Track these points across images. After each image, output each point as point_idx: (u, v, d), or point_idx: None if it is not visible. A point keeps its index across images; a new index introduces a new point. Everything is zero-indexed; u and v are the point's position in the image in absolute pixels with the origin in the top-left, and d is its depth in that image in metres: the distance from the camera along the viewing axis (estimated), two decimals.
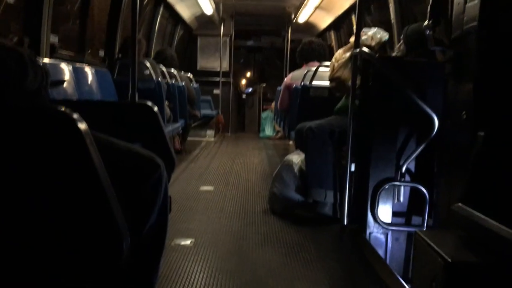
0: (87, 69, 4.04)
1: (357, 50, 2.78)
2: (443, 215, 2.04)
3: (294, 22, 8.44)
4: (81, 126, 1.16)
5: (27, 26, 3.31)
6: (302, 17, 7.89)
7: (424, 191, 2.43)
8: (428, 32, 2.24)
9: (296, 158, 3.50)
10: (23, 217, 1.22)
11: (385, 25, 4.64)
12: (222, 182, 4.54)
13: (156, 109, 2.14)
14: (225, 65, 9.22)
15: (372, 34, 3.22)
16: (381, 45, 3.26)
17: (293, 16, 8.26)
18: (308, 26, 8.45)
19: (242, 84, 11.57)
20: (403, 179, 2.49)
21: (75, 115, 1.16)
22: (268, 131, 9.18)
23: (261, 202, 3.74)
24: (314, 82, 4.37)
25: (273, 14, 8.59)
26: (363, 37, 3.16)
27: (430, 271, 1.38)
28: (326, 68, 3.99)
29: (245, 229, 3.06)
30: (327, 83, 3.65)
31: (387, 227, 2.52)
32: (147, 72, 4.67)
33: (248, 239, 2.86)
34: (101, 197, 1.20)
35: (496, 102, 1.56)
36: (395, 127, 2.52)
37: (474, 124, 1.58)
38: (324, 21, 7.92)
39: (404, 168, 2.48)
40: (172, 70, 5.73)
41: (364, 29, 3.27)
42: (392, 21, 4.65)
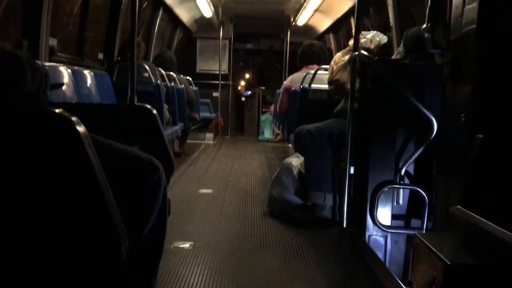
0: (86, 72, 4.04)
1: (356, 53, 2.78)
2: (442, 218, 2.04)
3: (293, 25, 8.46)
4: (80, 129, 1.16)
5: (26, 29, 3.32)
6: (301, 20, 7.90)
7: (423, 194, 2.44)
8: (427, 35, 2.25)
9: (295, 161, 3.49)
10: (22, 219, 1.22)
11: (384, 28, 4.65)
12: (221, 185, 4.54)
13: (155, 112, 2.14)
14: (224, 68, 9.24)
15: (371, 37, 3.23)
16: (380, 48, 3.26)
17: (292, 19, 8.28)
18: (307, 29, 8.46)
19: (241, 87, 11.58)
20: (402, 182, 2.49)
21: (74, 118, 1.16)
22: (267, 134, 9.18)
23: (260, 205, 3.74)
24: (313, 85, 4.38)
25: (272, 17, 8.61)
26: (362, 40, 3.16)
27: (430, 274, 1.38)
28: (325, 71, 3.99)
29: (244, 232, 3.06)
30: (326, 86, 3.65)
31: (386, 230, 2.52)
32: (146, 75, 4.67)
33: (247, 242, 2.86)
34: (100, 200, 1.20)
35: (495, 105, 1.56)
36: (394, 130, 2.52)
37: (473, 127, 1.58)
38: (323, 24, 7.94)
39: (403, 171, 2.48)
40: (171, 73, 5.74)
41: (363, 32, 3.28)
42: (391, 24, 4.66)
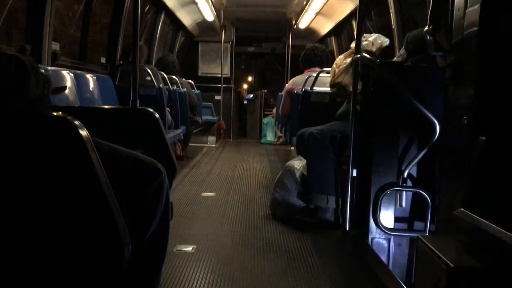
0: (89, 76, 4.06)
1: (358, 56, 2.79)
2: (446, 220, 2.04)
3: (295, 28, 8.47)
4: (83, 133, 1.17)
5: (29, 34, 3.33)
6: (303, 23, 7.91)
7: (426, 196, 2.43)
8: (429, 37, 2.25)
9: (298, 164, 3.49)
10: (25, 223, 1.22)
11: (386, 31, 4.66)
12: (224, 188, 4.54)
13: (158, 116, 2.15)
14: (226, 71, 9.25)
15: (373, 40, 3.23)
16: (382, 51, 3.26)
17: (294, 22, 8.29)
18: (309, 32, 8.47)
19: (243, 90, 11.59)
20: (405, 184, 2.49)
21: (77, 122, 1.17)
22: (270, 137, 9.18)
23: (263, 208, 3.74)
24: (315, 88, 4.38)
25: (274, 20, 8.63)
26: (364, 43, 3.17)
27: (433, 276, 1.38)
28: (328, 74, 3.99)
29: (247, 235, 3.06)
30: (328, 89, 3.66)
31: (389, 233, 2.51)
32: (149, 79, 4.68)
33: (250, 245, 2.86)
34: (103, 204, 1.20)
35: (497, 107, 1.56)
36: (397, 132, 2.52)
37: (475, 129, 1.58)
38: (325, 27, 7.95)
39: (406, 173, 2.48)
40: (173, 77, 5.75)
41: (365, 35, 3.28)
42: (393, 27, 4.66)
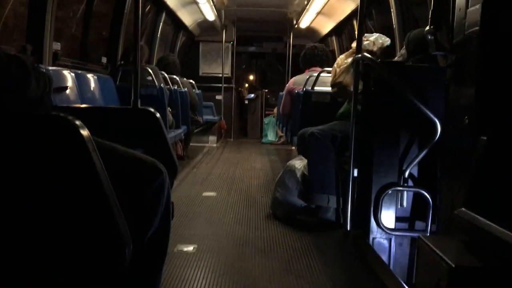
0: (90, 76, 4.06)
1: (359, 56, 2.78)
2: (447, 220, 2.03)
3: (296, 28, 8.46)
4: (83, 133, 1.17)
5: (30, 34, 3.33)
6: (304, 23, 7.91)
7: (427, 196, 2.43)
8: (430, 37, 2.24)
9: (299, 164, 3.49)
10: (26, 223, 1.22)
11: (387, 30, 4.65)
12: (225, 188, 4.54)
13: (158, 115, 2.15)
14: (227, 71, 9.25)
15: (374, 40, 3.23)
16: (383, 50, 3.26)
17: (295, 22, 8.28)
18: (310, 32, 8.47)
19: (244, 90, 11.59)
20: (406, 184, 2.49)
21: (77, 122, 1.17)
22: (271, 137, 9.18)
23: (264, 208, 3.74)
24: (316, 88, 4.38)
25: (275, 20, 8.62)
26: (365, 43, 3.16)
27: (434, 276, 1.37)
28: (328, 74, 3.99)
29: (248, 235, 3.06)
30: (329, 89, 3.65)
31: (390, 232, 2.51)
32: (150, 79, 4.68)
33: (251, 245, 2.86)
34: (104, 203, 1.20)
35: (498, 107, 1.56)
36: (398, 132, 2.51)
37: (476, 129, 1.58)
38: (326, 27, 7.94)
39: (407, 173, 2.47)
40: (174, 76, 5.75)
41: (366, 35, 3.28)
42: (394, 26, 4.66)
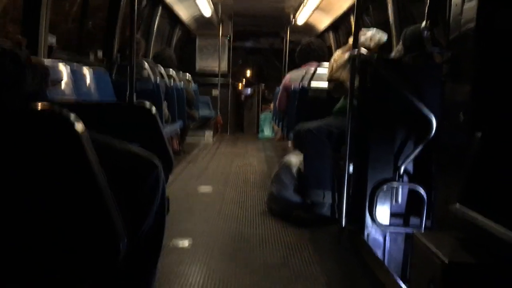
0: (85, 70, 4.03)
1: (355, 51, 2.78)
2: (441, 216, 2.04)
3: (293, 23, 8.44)
4: (78, 127, 1.16)
5: (25, 27, 3.31)
6: (301, 18, 7.89)
7: (422, 192, 2.44)
8: (426, 33, 2.24)
9: (295, 159, 3.49)
10: (20, 217, 1.21)
11: (383, 26, 4.65)
12: (221, 183, 4.54)
13: (155, 110, 2.14)
14: (224, 66, 9.23)
15: (371, 35, 3.23)
16: (380, 46, 3.26)
17: (292, 17, 8.27)
18: (307, 27, 8.45)
19: (241, 85, 11.57)
20: (401, 180, 2.50)
21: (72, 116, 1.16)
22: (267, 132, 9.18)
23: (260, 203, 3.74)
24: (313, 83, 4.37)
25: (272, 15, 8.60)
26: (362, 38, 3.16)
27: (428, 272, 1.38)
28: (325, 69, 3.99)
29: (244, 230, 3.06)
30: (326, 84, 3.65)
31: (385, 228, 2.52)
32: (146, 73, 4.66)
33: (247, 240, 2.86)
34: (98, 198, 1.20)
35: (494, 103, 1.56)
36: (393, 128, 2.52)
37: (472, 125, 1.58)
38: (323, 22, 7.93)
39: (402, 169, 2.48)
40: (171, 71, 5.73)
41: (363, 29, 3.28)
42: (391, 22, 4.66)
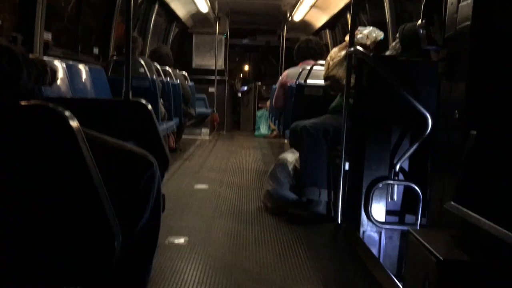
0: (81, 67, 4.02)
1: (352, 49, 2.78)
2: (436, 214, 2.05)
3: (290, 21, 8.44)
4: (73, 124, 1.16)
5: (20, 23, 3.29)
6: (298, 16, 7.89)
7: (418, 190, 2.44)
8: (422, 32, 2.24)
9: (291, 157, 3.50)
10: (14, 215, 1.21)
11: (379, 24, 4.65)
12: (217, 181, 4.53)
13: (150, 107, 2.14)
14: (221, 63, 9.21)
15: (367, 33, 3.23)
16: (376, 44, 3.26)
17: (289, 15, 8.26)
18: (304, 25, 8.45)
19: (237, 83, 11.56)
20: (397, 178, 2.50)
21: (67, 113, 1.16)
22: (263, 130, 9.17)
23: (256, 201, 3.74)
24: (309, 81, 4.37)
25: (269, 13, 8.59)
26: (358, 36, 3.16)
27: (423, 269, 1.39)
28: (322, 67, 3.99)
29: (239, 228, 3.06)
30: (322, 82, 3.65)
31: (381, 226, 2.52)
32: (142, 70, 4.65)
33: (242, 238, 2.86)
34: (93, 196, 1.20)
35: (488, 102, 1.57)
36: (389, 126, 2.52)
37: (467, 123, 1.58)
38: (320, 20, 7.93)
39: (398, 167, 2.49)
40: (167, 68, 5.72)
41: (360, 28, 3.28)
42: (387, 20, 4.66)
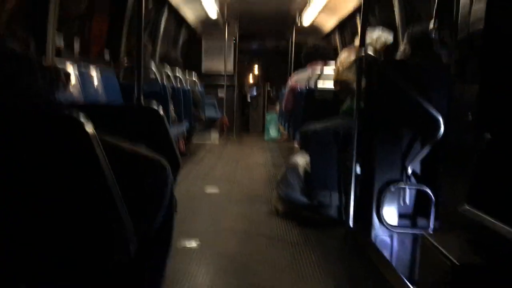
0: (93, 71, 4.06)
1: (362, 53, 2.78)
2: (449, 217, 2.04)
3: (299, 25, 8.44)
4: (89, 129, 1.17)
5: (33, 27, 3.32)
6: (307, 20, 7.89)
7: (430, 193, 2.43)
8: (434, 34, 2.24)
9: (301, 160, 3.49)
10: (30, 219, 1.22)
11: (389, 26, 4.64)
12: (227, 184, 4.54)
13: (162, 112, 2.15)
14: (230, 68, 9.24)
15: (377, 36, 3.22)
16: (386, 46, 3.25)
17: (298, 19, 8.26)
18: (313, 28, 8.45)
19: (247, 87, 11.58)
20: (409, 181, 2.49)
21: (83, 118, 1.17)
22: (273, 133, 9.17)
23: (266, 204, 3.74)
24: (319, 83, 4.36)
25: (278, 17, 8.60)
26: (368, 39, 3.16)
27: (437, 274, 1.38)
28: (331, 69, 3.98)
29: (251, 231, 3.07)
30: (332, 84, 3.65)
31: (393, 229, 2.51)
32: (153, 75, 4.68)
33: (254, 241, 2.87)
34: (108, 199, 1.21)
35: (502, 104, 1.56)
36: (400, 129, 2.52)
37: (480, 126, 1.58)
38: (329, 23, 7.92)
39: (410, 170, 2.48)
40: (177, 73, 5.76)
41: (369, 28, 3.27)
42: (397, 22, 4.65)
